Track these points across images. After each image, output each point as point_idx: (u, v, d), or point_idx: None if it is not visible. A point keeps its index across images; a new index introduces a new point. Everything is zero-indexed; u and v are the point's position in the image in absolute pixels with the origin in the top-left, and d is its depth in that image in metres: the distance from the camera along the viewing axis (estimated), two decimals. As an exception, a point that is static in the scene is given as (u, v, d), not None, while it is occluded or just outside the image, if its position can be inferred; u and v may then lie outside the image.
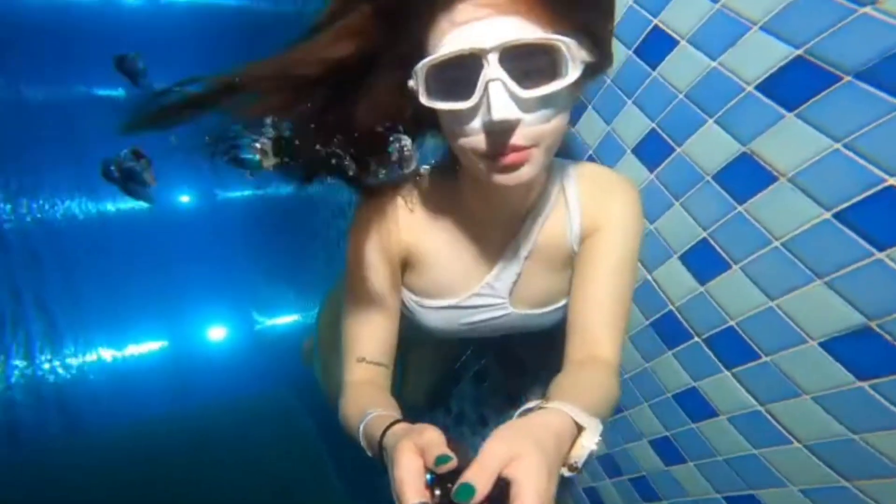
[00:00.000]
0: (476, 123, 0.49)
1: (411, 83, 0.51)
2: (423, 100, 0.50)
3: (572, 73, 0.47)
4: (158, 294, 3.46)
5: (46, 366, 3.09)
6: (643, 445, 0.77)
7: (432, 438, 0.44)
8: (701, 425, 0.67)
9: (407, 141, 0.56)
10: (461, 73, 0.47)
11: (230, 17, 3.38)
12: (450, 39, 0.47)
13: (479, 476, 0.38)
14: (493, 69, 0.46)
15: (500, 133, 0.49)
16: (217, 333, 3.66)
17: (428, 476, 0.43)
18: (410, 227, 0.67)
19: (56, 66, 3.10)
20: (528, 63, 0.47)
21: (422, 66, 0.48)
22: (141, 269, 3.40)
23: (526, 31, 0.46)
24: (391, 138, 0.55)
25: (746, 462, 0.63)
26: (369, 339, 0.67)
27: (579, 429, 0.46)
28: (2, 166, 3.05)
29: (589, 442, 0.45)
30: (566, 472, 0.46)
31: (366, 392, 0.64)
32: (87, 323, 3.25)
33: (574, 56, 0.47)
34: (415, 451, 0.43)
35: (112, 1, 3.31)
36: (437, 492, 0.42)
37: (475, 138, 0.50)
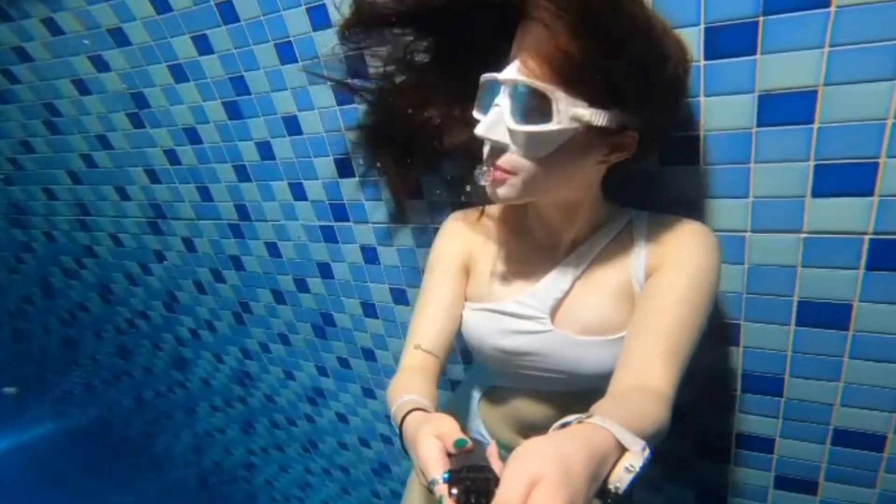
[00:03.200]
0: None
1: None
2: (475, 110, 0.63)
3: (556, 122, 0.54)
4: None
5: None
6: None
7: (451, 426, 0.50)
8: None
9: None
10: (490, 95, 0.59)
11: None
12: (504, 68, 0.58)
13: None
14: (501, 97, 0.57)
15: (491, 149, 0.61)
16: None
17: (445, 474, 0.45)
18: (480, 236, 0.80)
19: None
20: (526, 103, 0.56)
21: (481, 79, 0.62)
22: None
23: (536, 79, 0.54)
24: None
25: None
26: (428, 329, 0.76)
27: (623, 450, 0.43)
28: None
29: (633, 465, 0.42)
30: (607, 500, 0.42)
31: (411, 377, 0.70)
32: None
33: (560, 109, 0.54)
34: (434, 436, 0.50)
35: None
36: (454, 490, 0.44)
37: (484, 148, 0.62)
